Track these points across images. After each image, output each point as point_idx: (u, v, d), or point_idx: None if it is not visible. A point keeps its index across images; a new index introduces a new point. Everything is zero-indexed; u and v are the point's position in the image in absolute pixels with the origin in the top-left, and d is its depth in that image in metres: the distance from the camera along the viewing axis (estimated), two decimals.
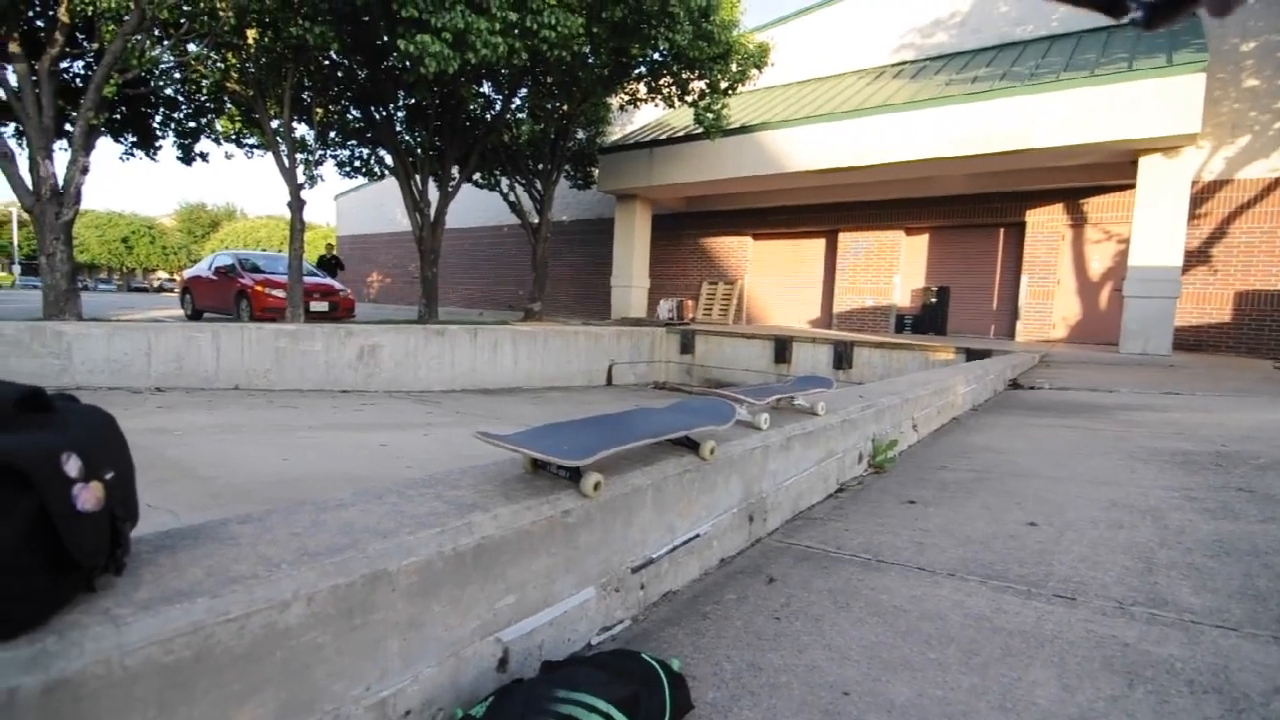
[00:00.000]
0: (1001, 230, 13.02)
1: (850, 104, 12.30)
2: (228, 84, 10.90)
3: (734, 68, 11.69)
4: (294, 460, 4.78)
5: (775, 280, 16.28)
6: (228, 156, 13.69)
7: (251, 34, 9.75)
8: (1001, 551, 1.96)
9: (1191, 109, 8.88)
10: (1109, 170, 10.87)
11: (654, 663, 1.14)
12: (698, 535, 1.75)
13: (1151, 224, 9.61)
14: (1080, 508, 2.39)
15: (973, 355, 9.06)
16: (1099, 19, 11.85)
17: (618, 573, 1.47)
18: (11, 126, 10.28)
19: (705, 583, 1.75)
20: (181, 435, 5.48)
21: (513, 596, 1.20)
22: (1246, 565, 1.81)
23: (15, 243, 41.15)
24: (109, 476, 0.82)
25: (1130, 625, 1.47)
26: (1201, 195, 10.60)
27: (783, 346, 11.40)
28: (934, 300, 13.28)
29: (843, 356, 10.76)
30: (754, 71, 12.12)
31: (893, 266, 14.13)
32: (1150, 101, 9.14)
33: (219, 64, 10.68)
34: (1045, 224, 12.30)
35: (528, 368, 10.96)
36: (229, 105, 12.30)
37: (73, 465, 0.74)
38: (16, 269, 39.52)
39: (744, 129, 12.85)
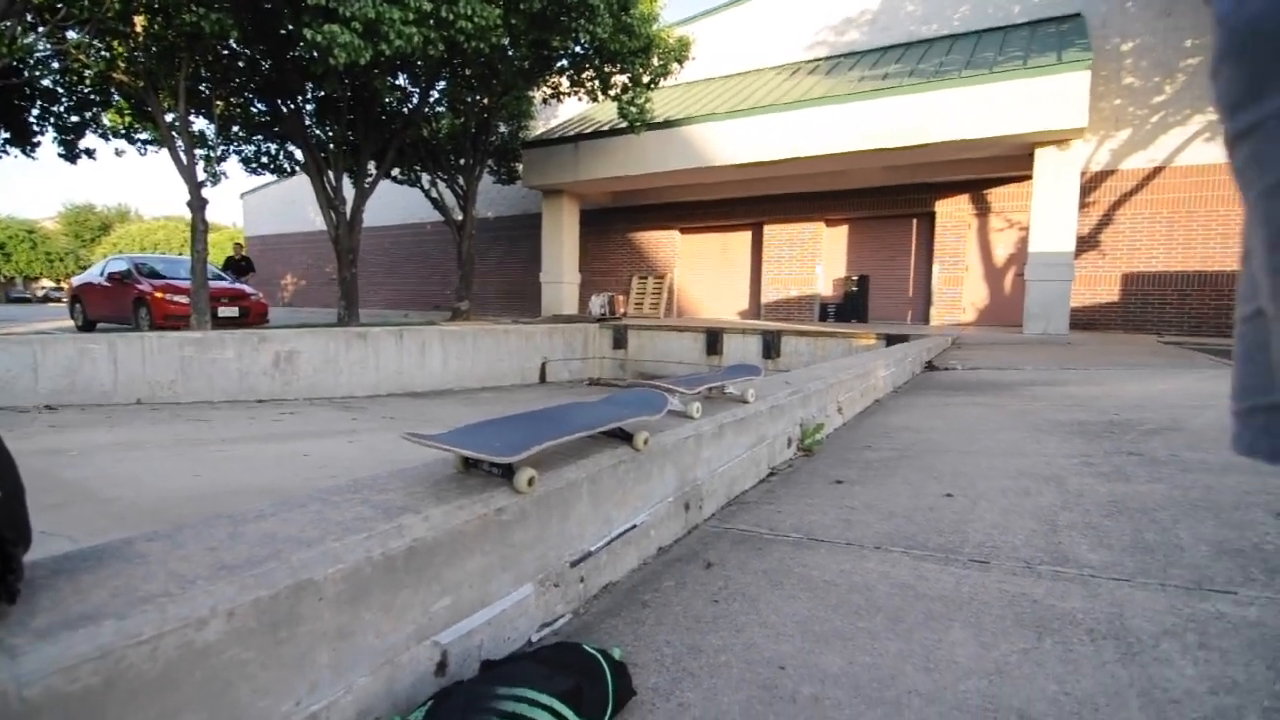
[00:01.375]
0: (914, 220, 13.69)
1: (769, 99, 12.62)
2: (114, 74, 10.11)
3: (655, 62, 11.77)
4: (207, 475, 4.50)
5: (704, 273, 16.54)
6: (118, 153, 12.68)
7: (140, 21, 9.06)
8: (922, 523, 2.07)
9: (1079, 104, 9.59)
10: (1009, 162, 11.60)
11: (595, 653, 1.14)
12: (635, 526, 1.77)
13: (1048, 212, 10.33)
14: (991, 478, 2.55)
15: (892, 340, 9.50)
16: (996, 18, 12.63)
17: (556, 568, 1.46)
18: None
19: (644, 572, 1.76)
20: (78, 455, 5.06)
21: (448, 598, 1.18)
22: (1137, 522, 1.98)
23: None
24: None
25: (1037, 583, 1.59)
26: (1090, 185, 11.47)
27: (714, 338, 11.61)
28: (855, 289, 13.83)
29: (771, 346, 11.06)
30: (675, 66, 12.24)
31: (815, 257, 14.61)
32: (1043, 97, 9.80)
33: (104, 53, 9.89)
34: (953, 214, 13.01)
35: (458, 368, 10.72)
36: (117, 98, 11.41)
37: None
38: None
39: (668, 123, 12.97)
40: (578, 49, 11.51)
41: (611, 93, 12.27)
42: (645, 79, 11.92)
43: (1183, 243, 10.97)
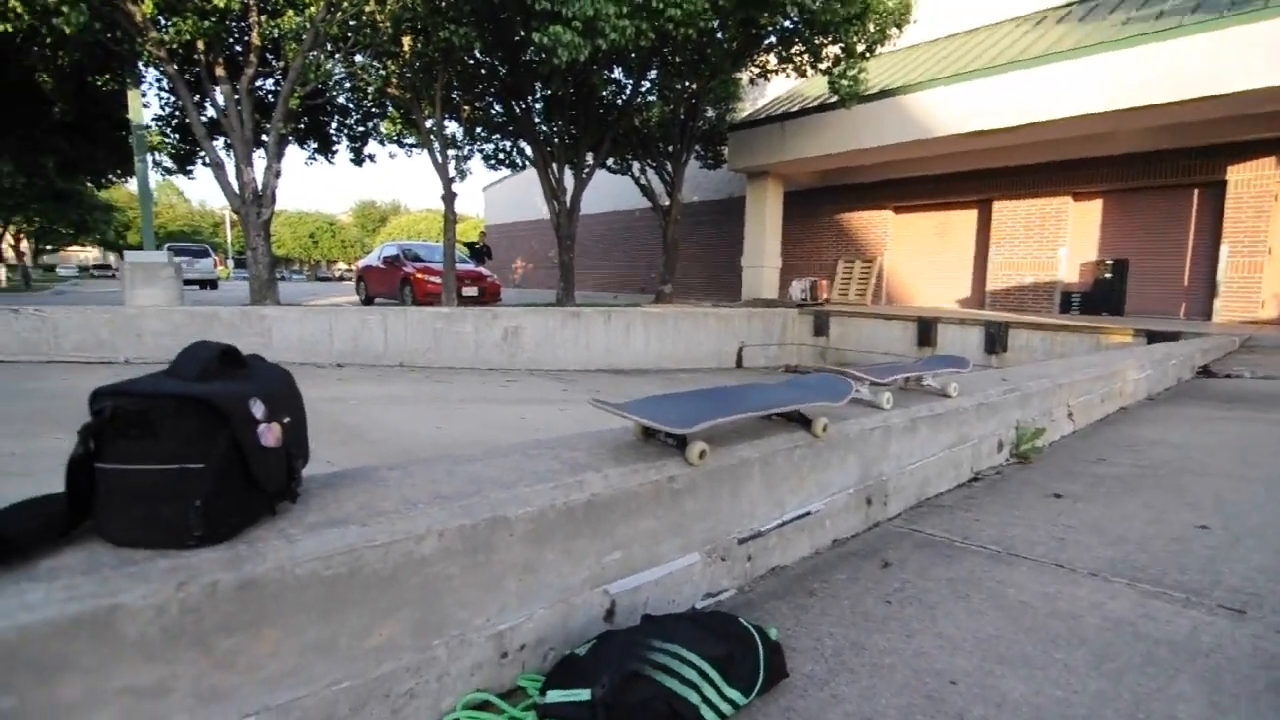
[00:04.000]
0: (1195, 191, 11.22)
1: (1006, 56, 11.13)
2: (389, 89, 12.01)
3: (871, 28, 10.97)
4: (447, 428, 5.29)
5: (919, 256, 15.23)
6: (391, 156, 15.18)
7: (406, 41, 10.65)
8: (1160, 554, 1.77)
9: None
10: None
11: (751, 628, 1.17)
12: (809, 513, 1.75)
13: None
14: (1268, 513, 2.08)
15: (1155, 337, 7.97)
16: None
17: (723, 542, 1.51)
18: (220, 140, 12.02)
19: (815, 561, 1.74)
20: (355, 404, 6.23)
21: (619, 553, 1.28)
22: None
23: (229, 241, 48.34)
24: (286, 420, 0.99)
25: None
26: None
27: (926, 328, 10.69)
28: (1109, 275, 11.79)
29: (996, 339, 9.89)
30: (894, 30, 11.30)
31: (1058, 237, 12.68)
32: None
33: (381, 71, 11.79)
34: (1252, 182, 10.43)
35: (658, 349, 11.17)
36: (390, 109, 13.55)
37: (258, 408, 0.91)
38: (231, 263, 46.52)
39: (883, 93, 12.05)
40: (787, 23, 11.16)
41: (822, 66, 11.72)
42: (860, 47, 11.19)
43: None
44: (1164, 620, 1.40)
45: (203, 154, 10.60)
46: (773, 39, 11.84)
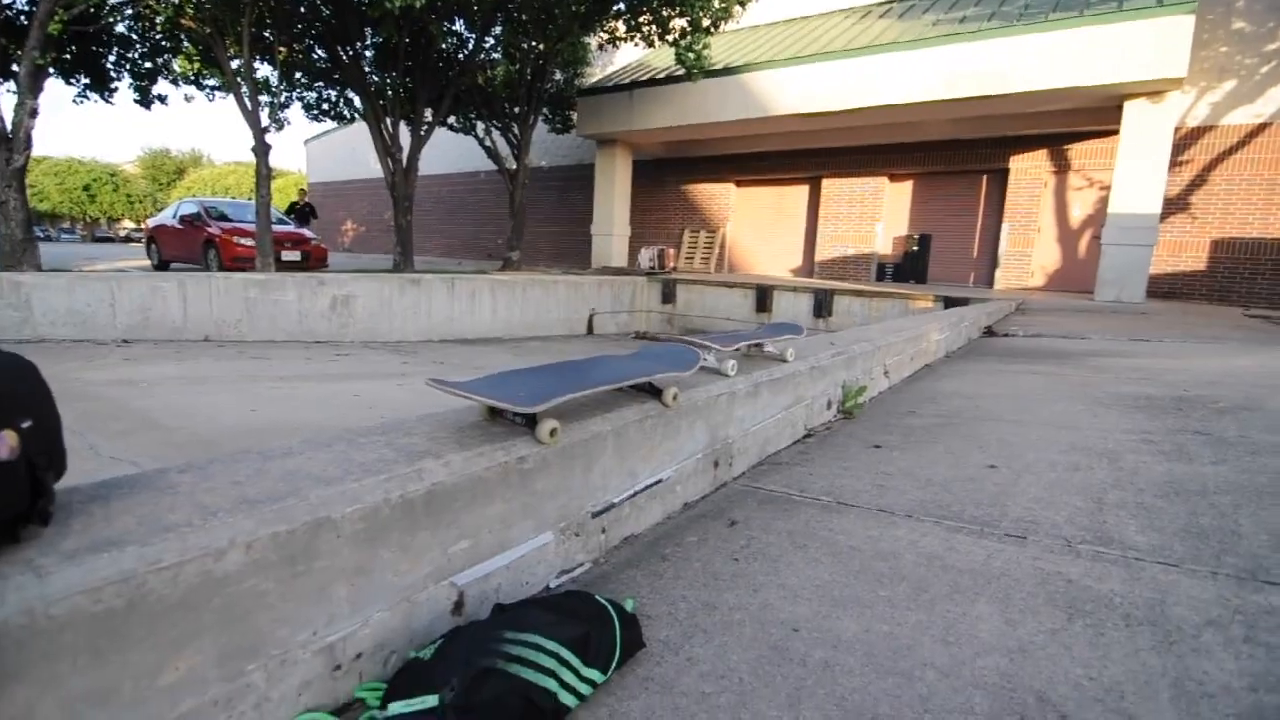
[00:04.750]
0: (985, 177, 12.93)
1: (836, 44, 11.96)
2: (183, 21, 10.32)
3: (716, 4, 11.25)
4: (262, 411, 4.73)
5: (758, 228, 16.13)
6: (187, 99, 13.07)
7: None
8: (959, 493, 2.01)
9: (1179, 52, 8.74)
10: (1094, 115, 10.75)
11: (605, 603, 1.15)
12: (660, 480, 1.77)
13: (1133, 171, 9.58)
14: (1040, 451, 2.44)
15: (951, 303, 9.12)
16: None
17: (577, 517, 1.47)
18: None
19: (667, 526, 1.77)
20: (148, 387, 5.39)
21: (467, 542, 1.20)
22: (1193, 505, 1.87)
23: None
24: (26, 425, 0.79)
25: (1075, 562, 1.52)
26: (1184, 142, 10.56)
27: (764, 295, 11.39)
28: (915, 248, 13.27)
29: (823, 305, 10.78)
30: (737, 9, 11.68)
31: (875, 214, 14.04)
32: (1138, 44, 8.97)
33: None
34: (1028, 170, 12.22)
35: (506, 317, 10.86)
36: (185, 44, 11.68)
37: None
38: None
39: (727, 70, 12.48)
40: None
41: (669, 38, 11.84)
42: (705, 22, 11.43)
43: None
44: (965, 551, 1.59)
45: None
46: (621, 6, 11.72)
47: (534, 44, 12.54)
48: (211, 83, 12.76)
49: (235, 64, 10.41)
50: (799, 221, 15.47)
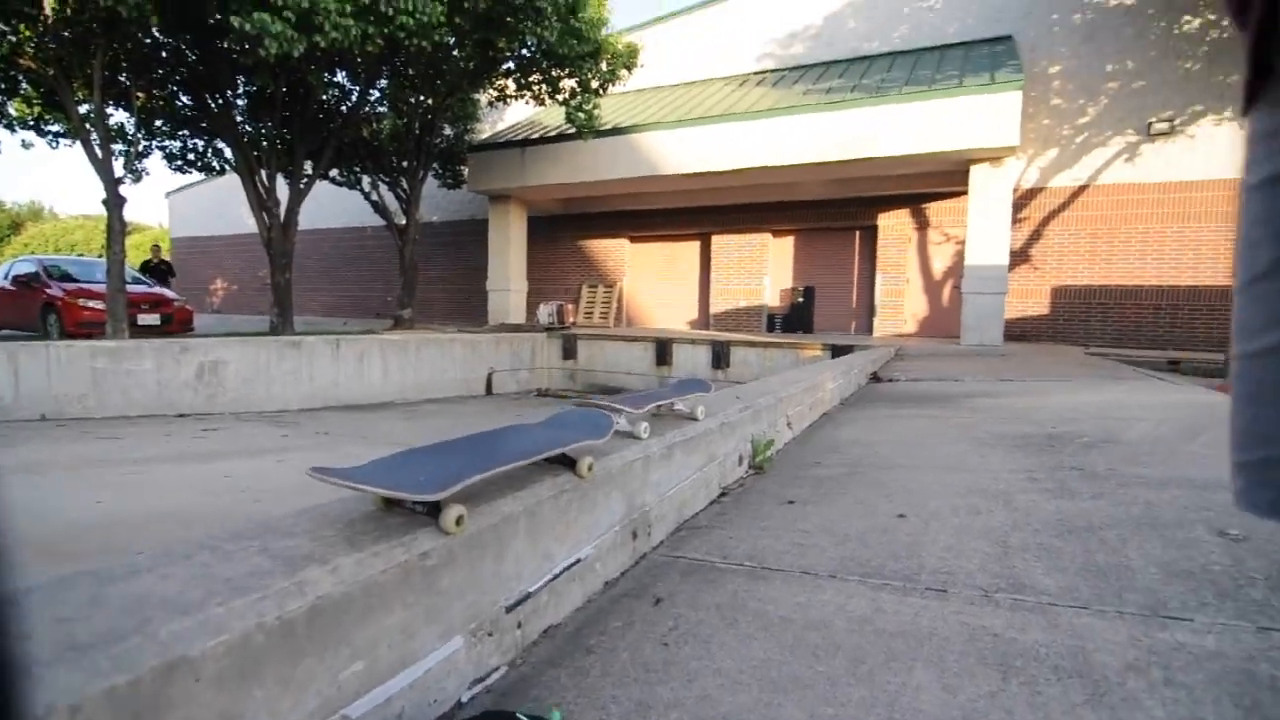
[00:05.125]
0: (857, 233, 14.01)
1: (718, 109, 12.71)
2: (20, 60, 9.36)
3: (604, 67, 11.69)
4: (110, 501, 4.10)
5: (654, 282, 16.52)
6: (25, 145, 11.76)
7: (49, 1, 8.41)
8: (876, 547, 2.01)
9: (1011, 123, 9.99)
10: (947, 178, 12.01)
11: None
12: (579, 560, 1.64)
13: (982, 227, 10.71)
14: (941, 496, 2.53)
15: (837, 351, 9.65)
16: (933, 38, 13.08)
17: (489, 615, 1.32)
18: None
19: (589, 610, 1.63)
20: None
21: (361, 663, 1.02)
22: (1086, 542, 1.97)
23: None
24: None
25: (996, 613, 1.53)
26: (1021, 201, 11.97)
27: (663, 348, 11.56)
28: (801, 300, 14.04)
29: (720, 356, 11.08)
30: (624, 72, 12.19)
31: (762, 268, 14.78)
32: (978, 115, 10.17)
33: (9, 36, 9.13)
34: (895, 227, 13.38)
35: (399, 380, 10.31)
36: (24, 85, 10.57)
37: None
38: None
39: (616, 130, 12.89)
40: (525, 51, 11.32)
41: (560, 97, 12.13)
42: (594, 84, 11.82)
43: (1105, 258, 11.55)
44: (892, 612, 1.57)
45: None
46: (511, 65, 11.89)
47: (422, 98, 12.42)
48: (55, 128, 11.59)
49: (84, 109, 9.52)
50: (692, 275, 16.00)
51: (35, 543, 3.21)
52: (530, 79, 12.21)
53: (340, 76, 12.04)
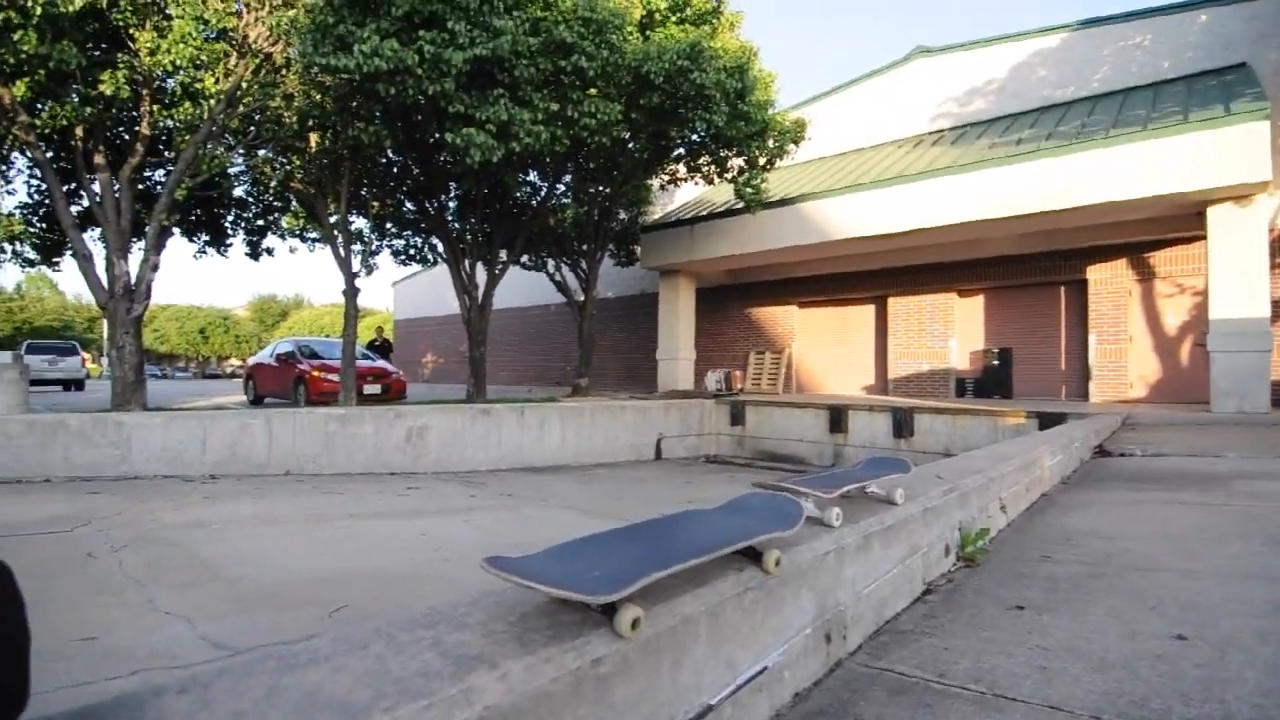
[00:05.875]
0: (1062, 288, 12.44)
1: (891, 172, 12.21)
2: (291, 184, 11.59)
3: (771, 144, 11.82)
4: (329, 555, 4.59)
5: (824, 347, 15.88)
6: (291, 251, 14.47)
7: (313, 137, 10.40)
8: (1152, 680, 1.56)
9: (1258, 156, 8.44)
10: (1173, 223, 10.34)
11: None
12: (765, 669, 1.43)
13: (1229, 275, 8.98)
14: (1236, 614, 1.95)
15: (1045, 419, 8.42)
16: (1143, 76, 11.63)
17: None
18: (95, 230, 11.07)
19: None
20: (219, 529, 5.39)
21: None
22: None
23: (104, 336, 44.27)
24: None
25: None
26: None
27: (838, 415, 10.91)
28: (996, 362, 12.64)
29: (903, 424, 10.18)
30: (791, 146, 12.23)
31: (948, 329, 13.60)
32: (1211, 151, 8.73)
33: (284, 165, 11.39)
34: (1109, 280, 11.69)
35: (575, 445, 10.74)
36: (293, 203, 13.07)
37: None
38: (104, 360, 42.37)
39: (783, 201, 12.86)
40: (695, 137, 11.84)
41: (728, 176, 12.43)
42: (761, 161, 11.98)
43: None
44: None
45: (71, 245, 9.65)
46: (682, 150, 12.49)
47: (600, 188, 13.39)
48: (313, 235, 14.11)
49: (334, 219, 11.49)
50: (867, 339, 15.16)
51: (267, 591, 3.66)
52: (699, 161, 12.71)
53: (531, 175, 13.43)
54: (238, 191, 12.68)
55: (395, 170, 12.54)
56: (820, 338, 15.95)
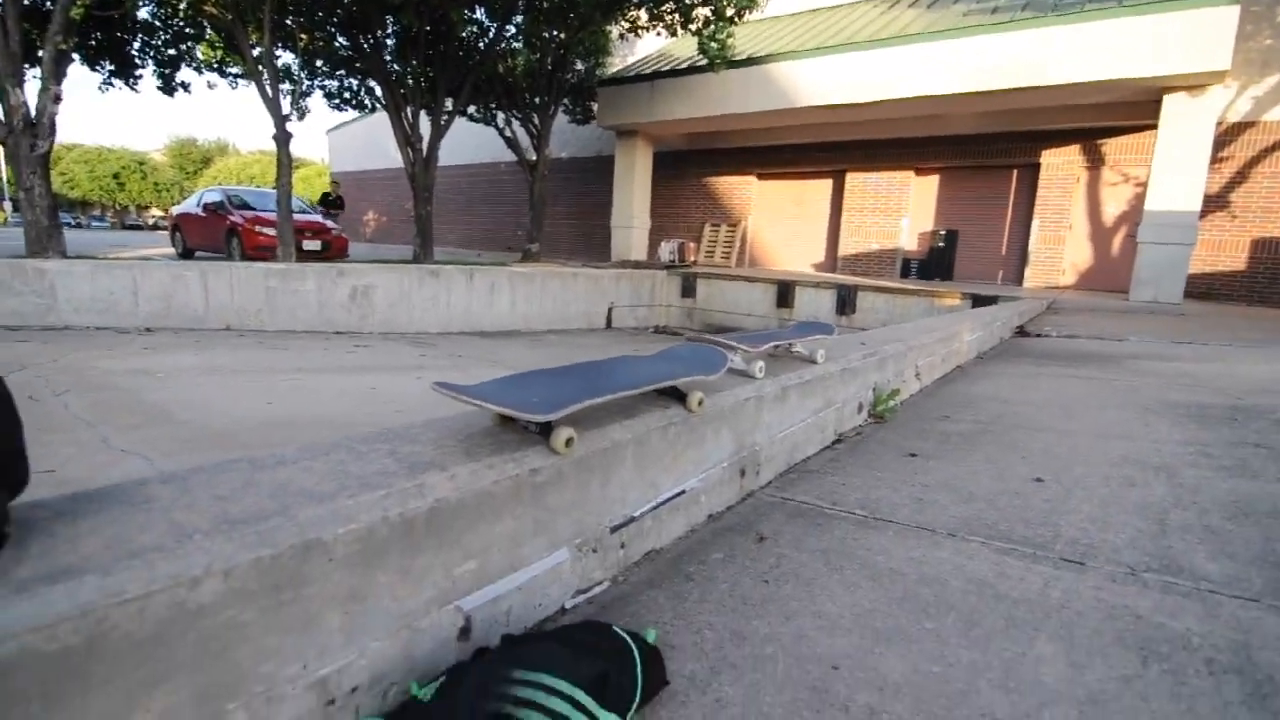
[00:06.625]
0: (1014, 172, 12.59)
1: (863, 35, 11.68)
2: (205, 7, 10.34)
3: None
4: (277, 403, 4.69)
5: (779, 222, 15.90)
6: (210, 86, 13.18)
7: None
8: (1006, 510, 1.87)
9: (1223, 44, 8.39)
10: (1130, 109, 10.39)
11: (625, 635, 1.04)
12: (684, 491, 1.65)
13: (1171, 167, 9.24)
14: (1090, 463, 2.29)
15: (979, 301, 8.88)
16: None
17: (594, 532, 1.36)
18: None
19: (691, 540, 1.65)
20: (164, 378, 5.37)
21: (474, 562, 1.10)
22: (1267, 529, 1.71)
23: (3, 178, 39.96)
24: None
25: (1143, 594, 1.38)
26: (1225, 137, 10.17)
27: (785, 291, 11.20)
28: (942, 244, 12.98)
29: (846, 301, 10.57)
30: None
31: (901, 208, 13.75)
32: (1179, 35, 8.63)
33: None
34: (1060, 166, 11.88)
35: (525, 310, 10.79)
36: (208, 31, 11.71)
37: None
38: (8, 205, 38.60)
39: (750, 60, 12.25)
40: None
41: (692, 27, 11.66)
42: (729, 11, 11.23)
43: None
44: (1017, 578, 1.45)
45: None
46: None
47: (555, 33, 12.41)
48: (234, 70, 12.81)
49: (256, 51, 10.41)
50: (822, 216, 15.21)
51: (217, 432, 3.77)
52: (662, 8, 11.81)
53: (479, 13, 12.26)
54: (142, 14, 11.23)
55: None
56: (777, 212, 15.91)
